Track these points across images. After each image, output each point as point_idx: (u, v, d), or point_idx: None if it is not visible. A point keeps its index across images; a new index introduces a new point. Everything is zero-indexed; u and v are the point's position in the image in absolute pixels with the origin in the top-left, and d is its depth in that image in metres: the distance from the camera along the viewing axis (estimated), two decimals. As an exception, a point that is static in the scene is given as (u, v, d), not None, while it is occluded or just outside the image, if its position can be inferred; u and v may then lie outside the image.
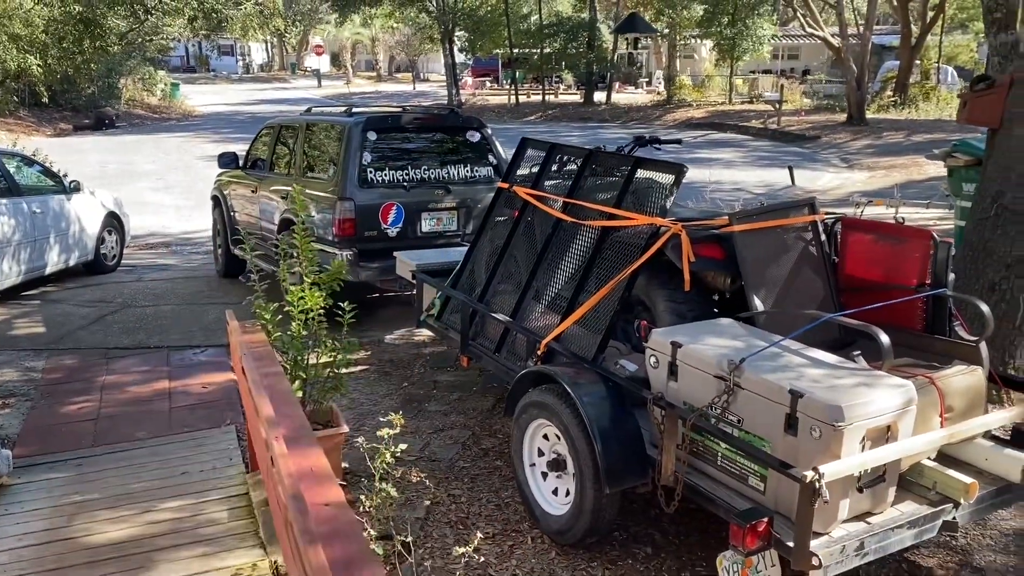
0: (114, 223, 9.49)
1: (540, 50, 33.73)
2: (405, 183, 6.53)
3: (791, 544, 2.66)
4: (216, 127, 26.25)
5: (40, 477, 4.24)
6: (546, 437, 3.66)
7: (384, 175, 6.46)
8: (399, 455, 3.43)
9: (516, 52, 34.26)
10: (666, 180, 3.91)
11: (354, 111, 6.94)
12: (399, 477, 4.05)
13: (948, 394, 3.13)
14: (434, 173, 6.69)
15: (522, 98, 33.43)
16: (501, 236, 4.83)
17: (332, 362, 4.21)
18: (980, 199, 5.02)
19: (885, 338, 3.02)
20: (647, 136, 4.94)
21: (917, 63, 27.02)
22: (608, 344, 3.86)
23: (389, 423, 3.41)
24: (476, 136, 6.94)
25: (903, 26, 25.29)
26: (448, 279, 5.17)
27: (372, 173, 6.40)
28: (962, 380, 3.23)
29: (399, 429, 3.40)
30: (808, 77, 33.93)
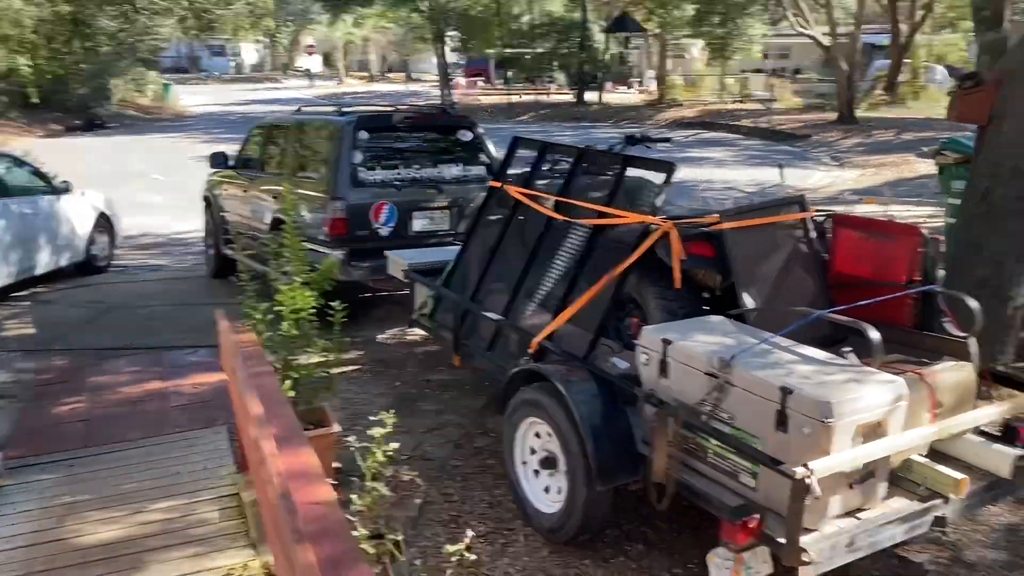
0: (105, 224, 9.44)
1: (532, 50, 33.76)
2: (397, 182, 6.52)
3: (782, 540, 2.67)
4: (208, 127, 26.16)
5: (31, 478, 4.21)
6: (538, 435, 3.66)
7: (376, 174, 6.45)
8: (391, 454, 3.42)
9: (508, 52, 34.34)
10: (657, 178, 3.93)
11: (345, 110, 6.92)
12: (391, 476, 4.04)
13: (938, 390, 3.15)
14: (426, 172, 6.68)
15: (514, 98, 33.43)
16: (493, 235, 4.82)
17: (323, 362, 4.21)
18: (969, 196, 5.04)
19: (875, 334, 3.03)
20: (638, 135, 4.96)
21: (907, 62, 27.15)
22: (599, 342, 3.86)
23: (381, 422, 3.41)
24: (468, 135, 6.94)
25: (893, 25, 25.41)
26: (440, 278, 5.17)
27: (364, 172, 6.38)
28: (952, 376, 3.25)
29: (391, 428, 3.40)
30: (799, 76, 34.02)
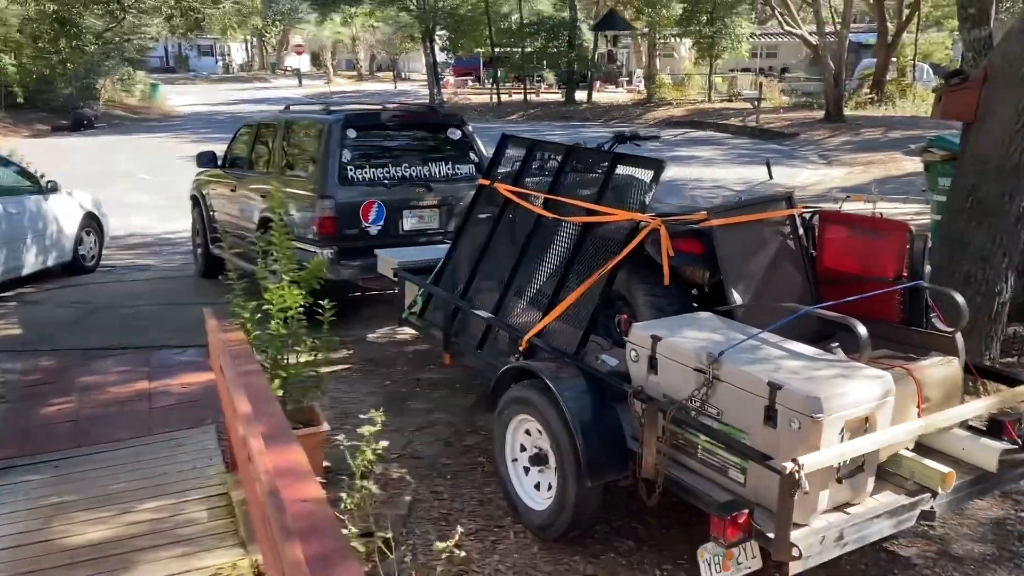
0: (93, 224, 9.40)
1: (521, 49, 33.76)
2: (386, 181, 6.50)
3: (771, 535, 2.67)
4: (196, 127, 26.06)
5: (18, 479, 4.18)
6: (528, 432, 3.66)
7: (365, 173, 6.43)
8: (381, 452, 3.42)
9: (497, 51, 34.29)
10: (645, 176, 3.93)
11: (333, 109, 6.90)
12: (380, 474, 4.04)
13: (925, 385, 3.16)
14: (415, 171, 6.66)
15: (503, 97, 33.43)
16: (483, 233, 4.82)
17: (312, 361, 4.19)
18: (956, 192, 5.07)
19: (863, 330, 3.04)
20: (627, 133, 4.97)
21: (893, 60, 27.30)
22: (589, 339, 3.87)
23: (370, 420, 3.40)
24: (457, 133, 6.93)
25: (879, 24, 25.54)
26: (430, 276, 5.16)
27: (352, 171, 6.37)
28: (939, 371, 3.26)
29: (380, 426, 3.39)
30: (786, 75, 34.14)
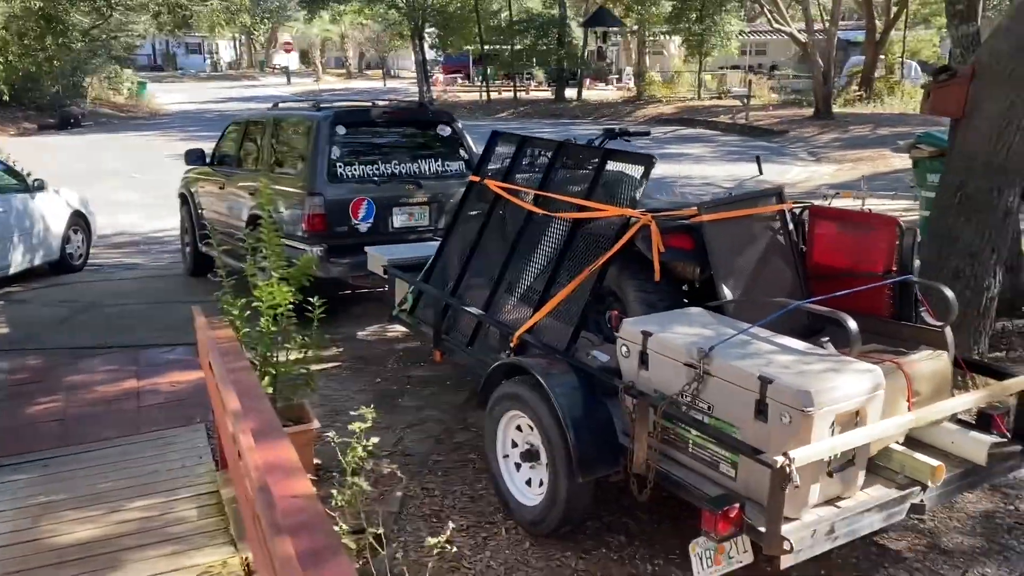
0: (80, 222, 9.34)
1: (511, 47, 33.73)
2: (376, 178, 6.48)
3: (763, 529, 2.68)
4: (184, 125, 25.93)
5: (5, 479, 4.14)
6: (519, 428, 3.66)
7: (354, 170, 6.41)
8: (371, 449, 3.41)
9: (487, 49, 34.24)
10: (636, 172, 3.93)
11: (323, 106, 6.88)
12: (371, 471, 4.02)
13: (915, 379, 3.17)
14: (405, 168, 6.65)
15: (493, 95, 33.40)
16: (473, 230, 4.81)
17: (302, 358, 4.17)
18: (944, 188, 5.09)
19: (853, 324, 3.04)
20: (617, 129, 4.97)
21: (881, 58, 27.41)
22: (580, 335, 3.86)
23: (361, 417, 3.39)
24: (447, 130, 6.91)
25: (868, 21, 25.63)
26: (420, 274, 5.15)
27: (342, 168, 6.34)
28: (928, 365, 3.28)
29: (371, 423, 3.38)
30: (775, 72, 34.25)
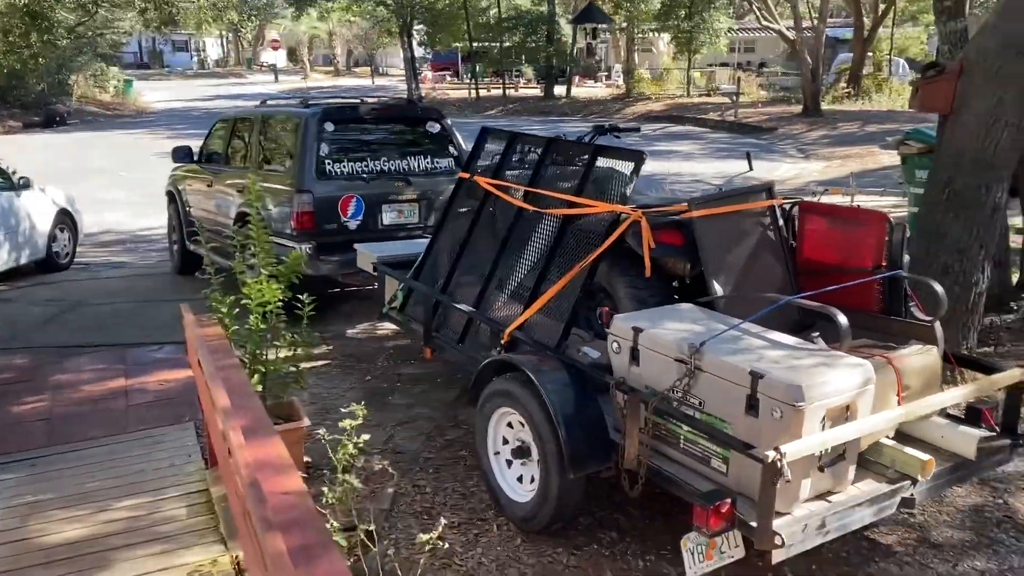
0: (66, 220, 9.28)
1: (499, 44, 33.67)
2: (364, 175, 6.46)
3: (754, 524, 2.68)
4: (171, 123, 25.78)
5: (-9, 479, 4.12)
6: (510, 425, 3.65)
7: (343, 167, 6.38)
8: (362, 447, 3.39)
9: (475, 46, 34.16)
10: (626, 168, 3.92)
11: (311, 103, 6.84)
12: (362, 469, 4.01)
13: (905, 373, 3.18)
14: (394, 165, 6.62)
15: (482, 92, 33.34)
16: (463, 227, 4.79)
17: (292, 356, 4.15)
18: (932, 185, 5.11)
19: (843, 319, 3.05)
20: (606, 125, 4.96)
21: (870, 55, 27.54)
22: (571, 332, 3.86)
23: (352, 414, 3.37)
24: (436, 127, 6.90)
25: (856, 19, 25.74)
26: (410, 271, 5.13)
27: (330, 165, 6.31)
28: (918, 360, 3.28)
29: (361, 420, 3.36)
30: (764, 70, 34.34)
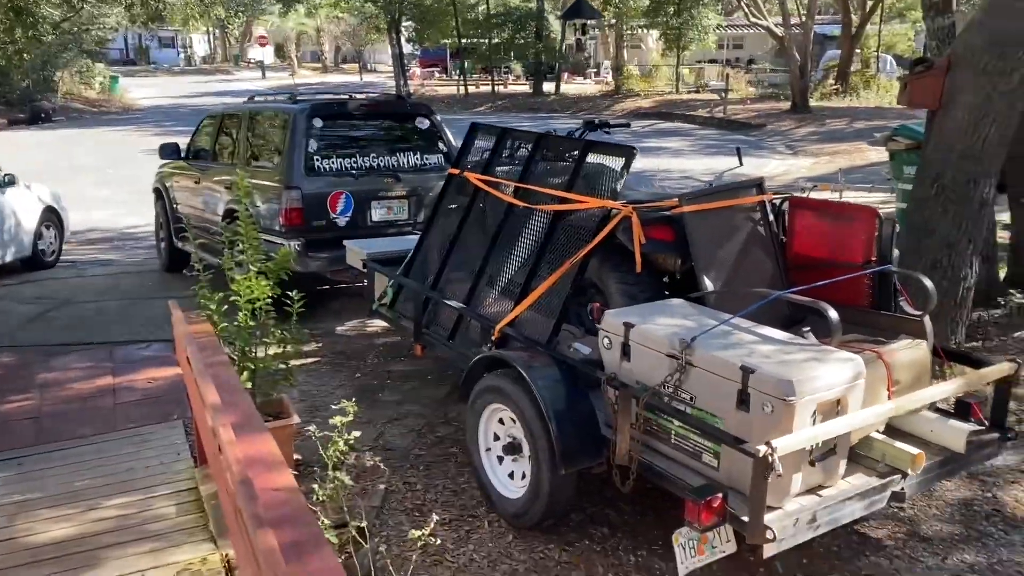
0: (52, 218, 9.21)
1: (488, 40, 33.63)
2: (353, 171, 6.43)
3: (745, 519, 2.68)
4: (158, 120, 25.64)
5: (-22, 478, 4.08)
6: (501, 421, 3.64)
7: (331, 163, 6.35)
8: (352, 443, 3.38)
9: (464, 42, 34.10)
10: (616, 163, 3.92)
11: (299, 99, 6.81)
12: (353, 466, 3.99)
13: (895, 368, 3.19)
14: (383, 161, 6.60)
15: (471, 89, 33.31)
16: (453, 223, 4.78)
17: (281, 353, 4.13)
18: (921, 180, 5.13)
19: (834, 314, 3.05)
20: (597, 120, 4.97)
21: (857, 52, 27.65)
22: (562, 328, 3.85)
23: (342, 411, 3.36)
24: (425, 123, 6.87)
25: (843, 15, 25.84)
26: (400, 267, 5.11)
27: (319, 161, 6.28)
28: (908, 354, 3.30)
29: (352, 417, 3.35)
30: (753, 66, 34.44)
